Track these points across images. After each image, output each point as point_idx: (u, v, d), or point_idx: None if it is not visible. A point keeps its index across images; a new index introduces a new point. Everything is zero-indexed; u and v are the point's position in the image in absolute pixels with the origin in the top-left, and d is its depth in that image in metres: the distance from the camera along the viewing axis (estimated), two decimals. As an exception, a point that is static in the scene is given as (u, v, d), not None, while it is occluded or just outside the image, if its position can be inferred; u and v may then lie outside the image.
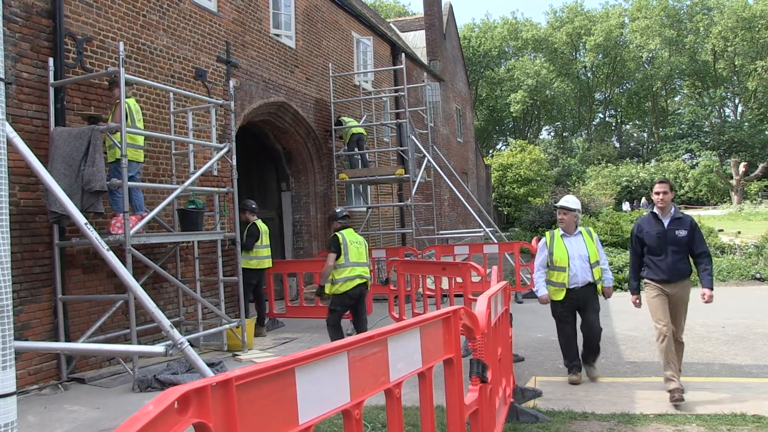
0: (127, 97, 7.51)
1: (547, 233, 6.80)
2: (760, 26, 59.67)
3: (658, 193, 5.92)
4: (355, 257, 7.73)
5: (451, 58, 27.53)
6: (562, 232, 6.66)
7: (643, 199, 40.93)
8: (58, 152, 6.92)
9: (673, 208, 5.95)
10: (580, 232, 6.64)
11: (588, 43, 63.79)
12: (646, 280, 6.03)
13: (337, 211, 8.42)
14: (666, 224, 5.87)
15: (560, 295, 6.46)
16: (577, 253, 6.45)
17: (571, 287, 6.40)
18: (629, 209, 37.11)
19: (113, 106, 7.61)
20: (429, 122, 19.62)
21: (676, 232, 5.80)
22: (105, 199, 7.43)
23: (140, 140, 7.67)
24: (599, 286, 6.53)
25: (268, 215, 13.67)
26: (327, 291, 7.78)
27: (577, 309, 6.51)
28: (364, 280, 7.79)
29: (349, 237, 7.84)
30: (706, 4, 64.73)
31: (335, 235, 7.90)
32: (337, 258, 7.67)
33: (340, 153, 14.73)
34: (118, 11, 8.38)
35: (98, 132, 7.00)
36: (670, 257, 5.80)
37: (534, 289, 6.92)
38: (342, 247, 7.69)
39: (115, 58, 8.03)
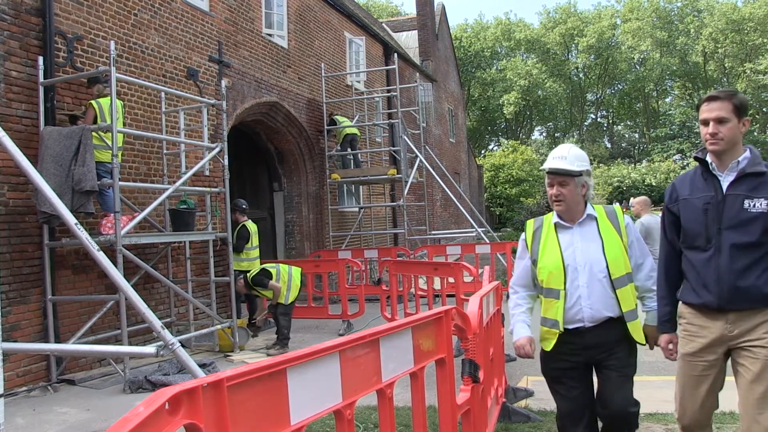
0: (103, 96, 7.47)
1: (530, 223, 3.69)
2: (748, 29, 60.03)
3: (706, 123, 3.06)
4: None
5: (443, 58, 27.55)
6: (556, 220, 3.50)
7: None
8: (48, 152, 6.88)
9: (747, 152, 3.04)
10: (594, 218, 3.45)
11: (580, 44, 63.93)
12: (681, 307, 3.26)
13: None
14: (725, 185, 3.01)
15: (550, 344, 3.48)
16: (584, 261, 3.36)
17: (572, 328, 3.38)
18: None
19: (85, 106, 7.50)
20: (421, 122, 19.62)
21: (747, 201, 2.93)
22: (95, 199, 7.39)
23: (116, 140, 7.17)
24: (634, 325, 3.39)
25: (260, 215, 13.64)
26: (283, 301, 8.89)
27: (590, 366, 3.52)
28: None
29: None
30: (697, 6, 65.04)
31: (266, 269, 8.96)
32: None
33: (333, 153, 14.71)
34: (109, 10, 8.33)
35: (89, 132, 6.96)
36: (725, 255, 2.95)
37: (510, 330, 3.81)
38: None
39: (106, 57, 7.99)
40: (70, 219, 5.85)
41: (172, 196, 8.54)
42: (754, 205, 2.93)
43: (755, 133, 59.53)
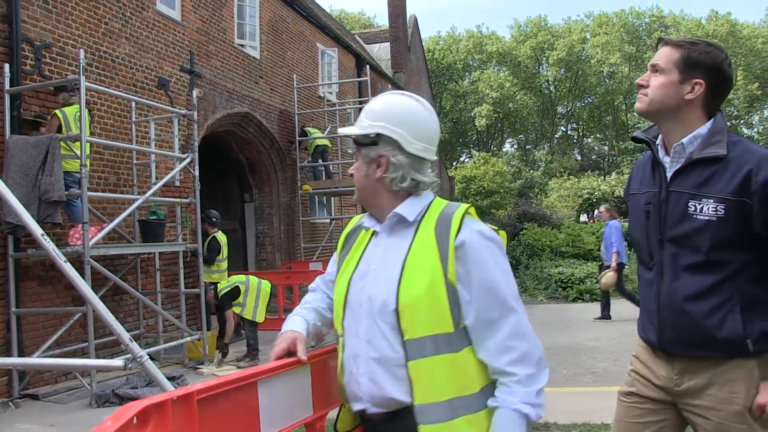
0: (68, 105, 7.37)
1: (357, 218, 2.05)
2: (713, 45, 61.38)
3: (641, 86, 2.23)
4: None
5: (415, 70, 27.71)
6: (366, 223, 1.91)
7: (596, 211, 41.56)
8: (13, 161, 6.76)
9: (704, 128, 2.12)
10: (411, 223, 1.80)
11: (551, 58, 64.84)
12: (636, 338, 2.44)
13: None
14: (670, 174, 2.16)
15: (343, 425, 1.92)
16: (368, 296, 1.76)
17: (355, 410, 1.82)
18: (586, 221, 37.65)
19: (50, 115, 7.38)
20: (393, 134, 19.65)
21: (692, 203, 2.06)
22: (62, 210, 7.28)
23: (84, 149, 7.07)
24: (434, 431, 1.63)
25: (230, 226, 13.55)
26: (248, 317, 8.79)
27: None
28: None
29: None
30: (664, 21, 66.49)
31: (228, 292, 8.77)
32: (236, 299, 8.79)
33: (304, 164, 14.68)
34: (79, 18, 8.24)
35: (57, 141, 6.86)
36: (667, 278, 2.15)
37: None
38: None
39: (75, 66, 7.89)
40: (37, 230, 5.74)
41: (141, 207, 8.45)
42: (700, 209, 2.03)
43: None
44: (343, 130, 1.98)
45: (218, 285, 8.93)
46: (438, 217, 1.77)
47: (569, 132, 72.15)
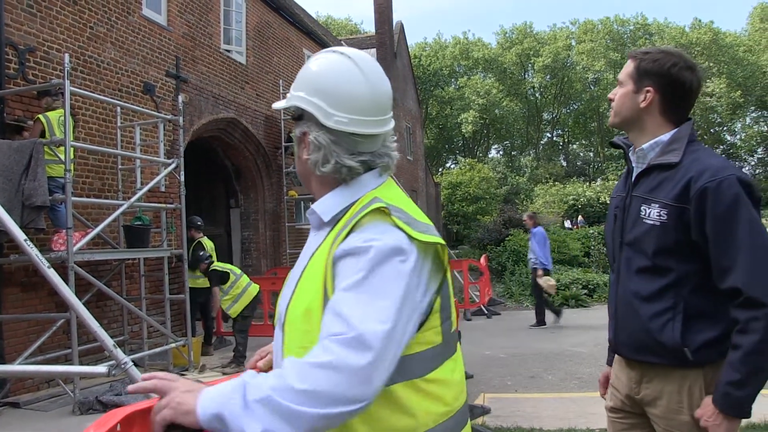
0: (51, 109, 7.32)
1: None
2: (695, 53, 62.06)
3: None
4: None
5: (401, 76, 27.77)
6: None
7: (580, 217, 41.79)
8: (-3, 166, 6.69)
9: (667, 135, 2.16)
10: (325, 223, 1.50)
11: (536, 64, 65.21)
12: None
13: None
14: (635, 175, 2.23)
15: None
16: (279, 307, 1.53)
17: None
18: (570, 226, 37.82)
19: (34, 120, 7.32)
20: (380, 140, 19.67)
21: (644, 207, 2.12)
22: (46, 215, 7.22)
23: (69, 154, 7.07)
24: None
25: (216, 232, 13.50)
26: (234, 314, 8.78)
27: None
28: None
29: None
30: (648, 29, 67.13)
31: (214, 269, 8.92)
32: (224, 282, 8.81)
33: (290, 170, 14.66)
34: (64, 22, 8.20)
35: (41, 146, 6.81)
36: (622, 281, 2.21)
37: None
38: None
39: (60, 70, 7.83)
40: (19, 235, 5.69)
41: (126, 212, 8.40)
42: (648, 214, 2.09)
43: (704, 154, 61.23)
44: (275, 105, 1.65)
45: (213, 261, 9.12)
46: (350, 217, 1.41)
47: (555, 138, 72.56)
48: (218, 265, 9.01)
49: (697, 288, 2.02)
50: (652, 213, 2.07)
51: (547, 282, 11.24)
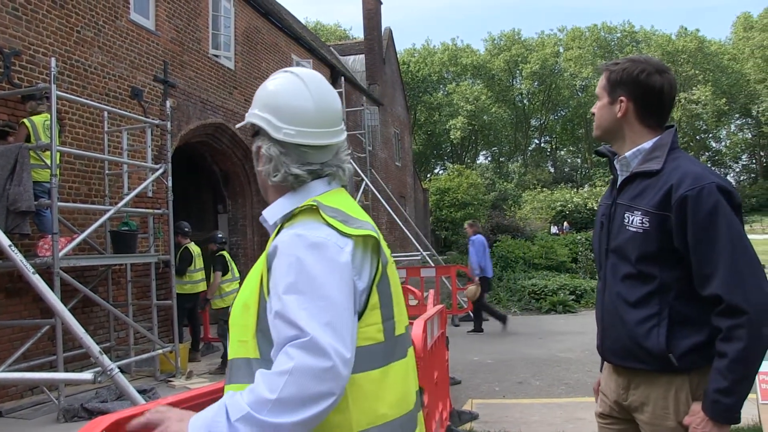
0: (36, 113, 7.26)
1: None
2: (682, 60, 62.79)
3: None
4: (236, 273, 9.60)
5: (390, 82, 27.81)
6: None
7: (565, 223, 41.92)
8: (-18, 171, 6.64)
9: (649, 143, 2.18)
10: (272, 230, 1.59)
11: (524, 71, 65.55)
12: None
13: (219, 235, 9.81)
14: (619, 183, 2.26)
15: None
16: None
17: None
18: (557, 232, 37.95)
19: (19, 124, 7.26)
20: (367, 146, 19.71)
21: (627, 215, 2.14)
22: (31, 220, 7.16)
23: (55, 159, 6.95)
24: None
25: (204, 237, 13.43)
26: (215, 306, 9.12)
27: None
28: None
29: (228, 257, 9.55)
30: (635, 37, 67.73)
31: (221, 254, 9.34)
32: (224, 275, 9.20)
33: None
34: (50, 26, 8.15)
35: (26, 150, 6.76)
36: (609, 287, 2.21)
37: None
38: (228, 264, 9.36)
39: (46, 74, 7.79)
40: (4, 240, 5.66)
41: (113, 218, 8.35)
42: (631, 221, 2.12)
43: (690, 160, 61.79)
44: (238, 125, 1.84)
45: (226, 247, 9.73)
46: (285, 225, 1.49)
47: (542, 145, 72.94)
48: (227, 256, 9.42)
49: (682, 294, 2.03)
50: (635, 220, 2.10)
51: (470, 291, 11.42)
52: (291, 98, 1.57)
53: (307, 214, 1.45)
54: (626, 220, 2.13)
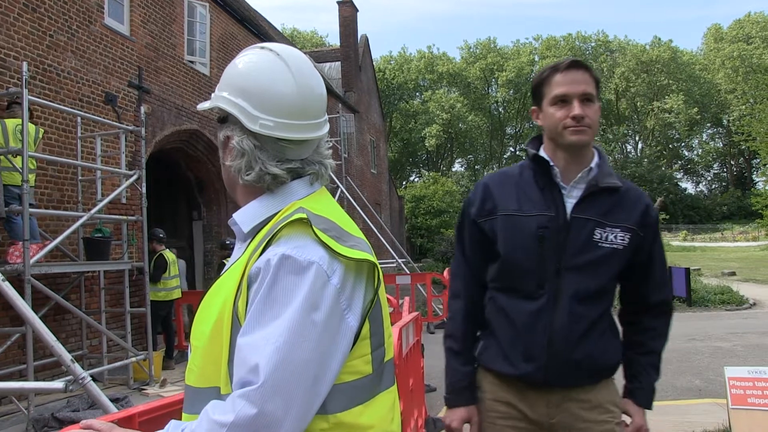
0: (13, 116, 7.17)
1: None
2: (656, 70, 63.79)
3: (565, 101, 2.00)
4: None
5: (366, 89, 27.87)
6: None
7: None
8: (-49, 176, 6.54)
9: (597, 156, 2.10)
10: (245, 234, 1.38)
11: (500, 79, 66.07)
12: (480, 374, 2.17)
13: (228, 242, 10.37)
14: (571, 203, 2.05)
15: None
16: None
17: None
18: None
19: None
20: (343, 153, 19.72)
21: (599, 231, 2.01)
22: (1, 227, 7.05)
23: (27, 164, 6.81)
24: None
25: (178, 244, 13.33)
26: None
27: None
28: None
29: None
30: (609, 46, 68.63)
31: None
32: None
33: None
34: (22, 29, 8.05)
35: (-3, 156, 6.67)
36: (563, 310, 1.99)
37: None
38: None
39: (17, 78, 7.69)
40: (-26, 247, 5.57)
41: (86, 224, 8.25)
42: (606, 237, 2.00)
43: (662, 168, 62.79)
44: (199, 106, 1.48)
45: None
46: (270, 228, 1.26)
47: (518, 153, 73.42)
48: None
49: (610, 305, 2.13)
50: (612, 237, 2.00)
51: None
52: (269, 82, 1.31)
53: (295, 227, 1.21)
54: (597, 236, 1.99)
